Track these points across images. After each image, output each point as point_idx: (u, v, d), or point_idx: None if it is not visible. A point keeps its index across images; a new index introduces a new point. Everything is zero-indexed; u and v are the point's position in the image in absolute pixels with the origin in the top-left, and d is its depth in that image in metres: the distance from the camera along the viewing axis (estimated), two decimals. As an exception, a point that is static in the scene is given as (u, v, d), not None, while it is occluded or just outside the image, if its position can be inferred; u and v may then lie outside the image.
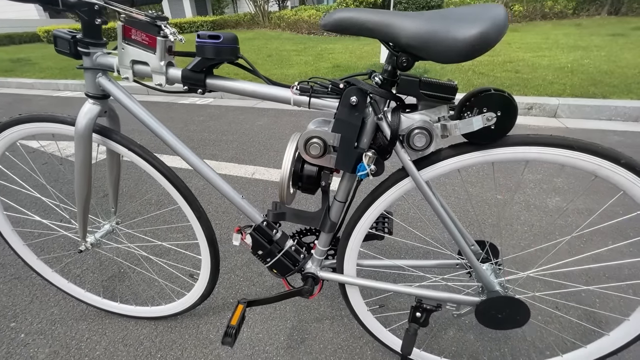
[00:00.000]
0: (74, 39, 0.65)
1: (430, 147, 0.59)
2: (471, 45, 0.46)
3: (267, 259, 0.80)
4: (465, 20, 0.47)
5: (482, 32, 0.46)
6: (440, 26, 0.48)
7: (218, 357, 0.98)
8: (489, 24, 0.46)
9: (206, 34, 0.58)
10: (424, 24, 0.49)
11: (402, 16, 0.51)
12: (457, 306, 0.74)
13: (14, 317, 1.13)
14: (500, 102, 0.54)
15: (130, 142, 0.76)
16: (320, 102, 0.62)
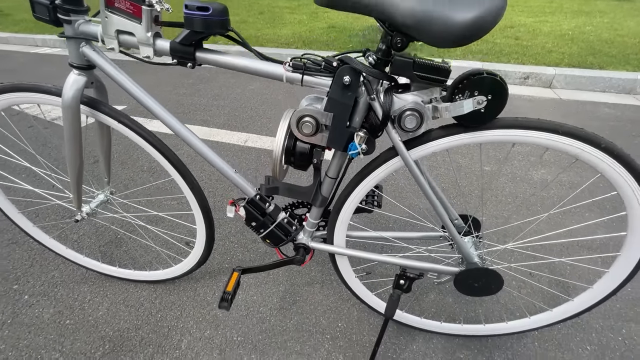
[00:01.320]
0: (52, 5, 0.61)
1: (420, 129, 0.60)
2: (467, 31, 0.46)
3: (261, 230, 0.84)
4: (463, 2, 0.46)
5: (478, 16, 0.45)
6: (437, 7, 0.47)
7: (215, 317, 1.05)
8: (486, 8, 0.45)
9: (194, 4, 0.55)
10: (420, 3, 0.48)
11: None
12: (437, 275, 0.80)
13: (16, 280, 1.18)
14: (492, 86, 0.55)
15: (120, 114, 0.75)
16: (313, 80, 0.61)
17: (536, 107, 2.65)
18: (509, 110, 2.59)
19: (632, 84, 2.94)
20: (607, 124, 2.39)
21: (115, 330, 1.01)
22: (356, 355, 0.95)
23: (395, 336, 1.00)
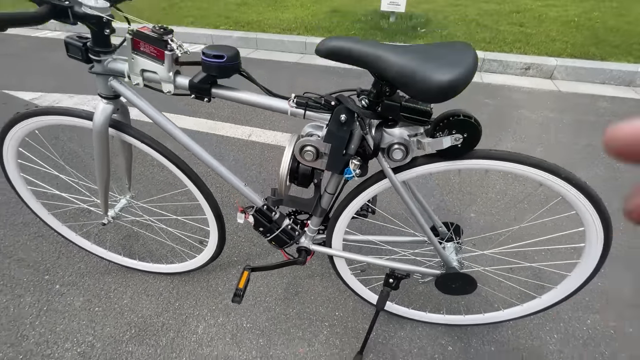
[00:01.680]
0: (85, 47, 0.69)
1: (407, 159, 0.69)
2: (443, 91, 0.54)
3: (267, 234, 0.95)
4: (442, 65, 0.54)
5: (452, 80, 0.53)
6: (420, 68, 0.55)
7: (227, 306, 1.18)
8: (459, 72, 0.54)
9: (211, 52, 0.64)
10: (407, 63, 0.56)
11: (389, 51, 0.58)
12: (421, 276, 0.92)
13: (46, 271, 1.31)
14: (467, 126, 0.63)
15: (142, 135, 0.84)
16: (314, 115, 0.70)
17: (534, 101, 2.69)
18: (507, 104, 2.64)
19: (632, 76, 2.96)
20: (603, 119, 2.44)
21: (139, 316, 1.15)
22: (351, 340, 1.09)
23: (385, 324, 1.13)
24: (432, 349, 1.07)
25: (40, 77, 3.13)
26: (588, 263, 0.81)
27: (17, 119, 0.85)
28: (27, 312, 1.16)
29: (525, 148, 2.10)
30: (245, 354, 1.05)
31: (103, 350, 1.06)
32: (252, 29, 4.07)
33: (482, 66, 3.27)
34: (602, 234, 0.74)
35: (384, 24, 3.91)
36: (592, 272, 0.82)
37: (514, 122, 2.40)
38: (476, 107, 2.59)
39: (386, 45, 0.59)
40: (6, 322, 1.13)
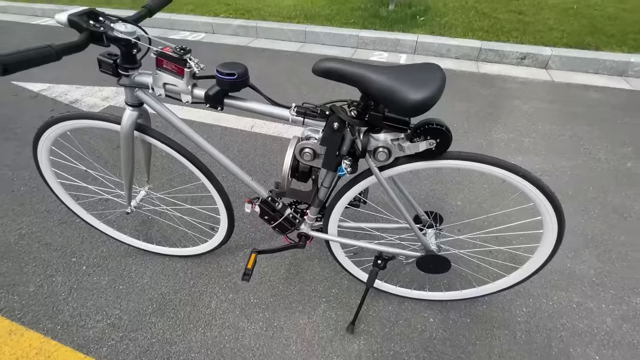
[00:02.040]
0: (115, 63, 0.80)
1: (390, 160, 0.82)
2: (415, 108, 0.66)
3: (271, 222, 1.09)
4: (416, 85, 0.66)
5: (423, 98, 0.65)
6: (398, 87, 0.67)
7: (236, 285, 1.34)
8: (429, 91, 0.65)
9: (224, 70, 0.75)
10: (387, 83, 0.68)
11: (373, 72, 0.69)
12: (405, 257, 1.06)
13: (73, 254, 1.46)
14: (440, 133, 0.75)
15: (162, 136, 0.96)
16: (311, 122, 0.82)
17: (527, 91, 2.78)
18: (500, 94, 2.73)
19: (625, 66, 3.03)
20: (591, 110, 2.54)
21: (159, 293, 1.31)
22: (345, 313, 1.25)
23: (376, 300, 1.28)
24: (415, 320, 1.22)
25: (46, 67, 3.20)
26: (546, 246, 0.95)
27: (52, 122, 0.97)
28: (59, 289, 1.32)
29: (513, 138, 2.22)
30: (253, 325, 1.21)
31: (130, 322, 1.22)
32: (252, 17, 4.09)
33: (479, 56, 3.33)
34: (556, 222, 0.88)
35: (383, 12, 3.93)
36: (550, 254, 0.96)
37: (506, 113, 2.50)
38: (470, 98, 2.69)
39: (371, 66, 0.71)
40: (42, 299, 1.29)
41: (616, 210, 1.67)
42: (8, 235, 1.54)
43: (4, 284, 1.33)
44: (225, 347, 1.15)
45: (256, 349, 1.14)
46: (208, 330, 1.19)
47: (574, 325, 1.21)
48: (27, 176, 1.88)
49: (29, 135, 2.23)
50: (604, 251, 1.47)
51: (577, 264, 1.41)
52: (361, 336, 1.18)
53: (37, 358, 1.11)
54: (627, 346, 1.15)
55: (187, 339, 1.17)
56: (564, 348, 1.15)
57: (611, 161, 2.01)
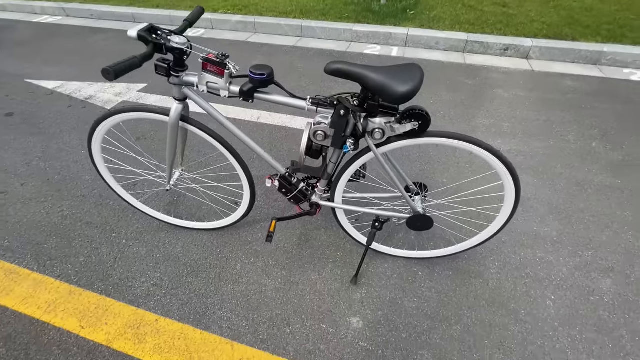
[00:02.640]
0: (169, 67, 1.02)
1: (384, 138, 1.05)
2: (402, 97, 0.90)
3: (288, 194, 1.33)
4: (402, 81, 0.90)
5: (407, 91, 0.89)
6: (389, 82, 0.90)
7: (255, 251, 1.58)
8: (412, 85, 0.89)
9: (256, 72, 0.98)
10: (381, 79, 0.91)
11: (370, 71, 0.93)
12: (397, 219, 1.31)
13: (112, 230, 1.69)
14: (421, 117, 0.99)
15: (201, 125, 1.19)
16: (323, 110, 1.05)
17: (509, 80, 3.03)
18: (484, 84, 2.97)
19: (598, 55, 3.29)
20: (565, 97, 2.80)
21: (191, 260, 1.55)
22: (349, 271, 1.50)
23: (374, 260, 1.54)
24: (406, 274, 1.48)
25: (55, 65, 3.36)
26: (508, 206, 1.20)
27: (108, 114, 1.19)
28: (106, 259, 1.55)
29: (494, 123, 2.47)
30: (273, 281, 1.46)
31: (170, 282, 1.46)
32: (249, 13, 4.26)
33: (466, 47, 3.56)
34: (513, 186, 1.13)
35: (375, 6, 4.13)
36: (511, 213, 1.21)
37: (488, 101, 2.75)
38: (457, 87, 2.93)
39: (369, 67, 0.94)
40: (92, 266, 1.52)
41: (579, 184, 1.94)
42: (52, 217, 1.76)
43: (58, 256, 1.56)
44: (251, 298, 1.40)
45: (277, 299, 1.40)
46: (236, 286, 1.44)
47: (536, 274, 1.48)
48: (58, 166, 2.09)
49: (53, 129, 2.43)
50: (565, 217, 1.74)
51: (542, 227, 1.68)
52: (363, 287, 1.44)
53: (97, 311, 1.35)
54: (577, 288, 1.42)
55: (219, 293, 1.41)
56: (527, 291, 1.42)
57: (579, 142, 2.28)
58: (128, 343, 1.25)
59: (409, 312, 1.35)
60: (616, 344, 1.25)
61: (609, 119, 2.51)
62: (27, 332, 1.29)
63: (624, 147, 2.22)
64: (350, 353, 1.23)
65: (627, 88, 2.91)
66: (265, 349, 1.24)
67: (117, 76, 0.82)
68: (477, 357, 1.22)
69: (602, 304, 1.37)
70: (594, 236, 1.64)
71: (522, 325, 1.30)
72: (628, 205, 1.80)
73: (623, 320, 1.31)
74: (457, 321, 1.32)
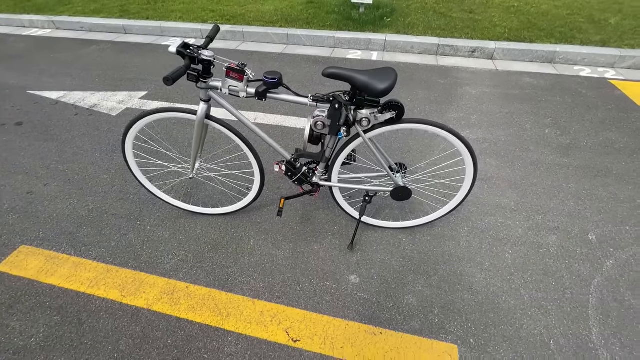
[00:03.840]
0: (198, 74, 1.29)
1: (369, 126, 1.36)
2: (381, 93, 1.20)
3: (293, 177, 1.61)
4: (381, 80, 1.20)
5: (385, 88, 1.20)
6: (371, 81, 1.21)
7: (265, 229, 1.85)
8: (389, 83, 1.20)
9: (269, 76, 1.26)
10: (365, 79, 1.21)
11: (358, 73, 1.23)
12: (383, 193, 1.61)
13: (136, 219, 1.92)
14: (397, 107, 1.30)
15: (223, 122, 1.46)
16: (321, 105, 1.35)
17: (476, 79, 3.41)
18: (455, 82, 3.34)
19: (552, 55, 3.73)
20: (524, 91, 3.20)
21: (210, 239, 1.80)
22: (346, 241, 1.79)
23: (365, 231, 1.84)
24: (393, 240, 1.79)
25: (53, 76, 3.53)
26: (468, 178, 1.53)
27: (143, 115, 1.44)
28: (134, 243, 1.79)
29: (463, 117, 2.83)
30: (282, 252, 1.73)
31: (194, 257, 1.71)
32: (237, 22, 4.53)
33: (438, 50, 3.95)
34: (471, 160, 1.45)
35: (355, 15, 4.47)
36: (472, 183, 1.53)
37: (458, 97, 3.11)
38: (431, 86, 3.29)
39: (357, 70, 1.24)
40: (124, 249, 1.75)
41: (533, 164, 2.31)
42: (79, 211, 1.97)
43: (91, 242, 1.79)
44: (265, 266, 1.67)
45: (287, 265, 1.67)
46: (252, 257, 1.71)
47: (497, 235, 1.81)
48: (76, 168, 2.30)
49: (65, 135, 2.62)
50: (521, 190, 2.09)
51: (503, 200, 2.02)
52: (358, 252, 1.73)
53: (134, 283, 1.59)
54: (529, 244, 1.76)
55: (238, 264, 1.68)
56: (490, 248, 1.75)
57: (534, 129, 2.66)
58: (165, 305, 1.50)
59: (396, 269, 1.65)
60: (558, 282, 1.58)
61: (560, 109, 2.91)
62: (75, 303, 1.51)
63: (571, 133, 2.62)
64: (351, 302, 1.52)
65: (576, 83, 3.35)
66: (281, 302, 1.51)
67: (174, 81, 1.08)
68: (451, 298, 1.53)
69: (548, 254, 1.71)
70: (544, 204, 1.99)
71: (487, 273, 1.63)
72: (572, 179, 2.17)
73: (564, 265, 1.66)
74: (435, 273, 1.63)
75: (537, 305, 1.49)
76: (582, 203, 1.99)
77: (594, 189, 2.09)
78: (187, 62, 1.20)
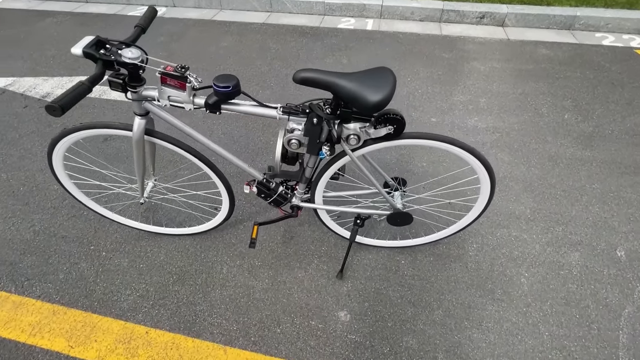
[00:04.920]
0: (124, 82, 0.94)
1: (360, 143, 1.03)
2: (375, 107, 0.87)
3: (267, 198, 1.31)
4: (374, 89, 0.86)
5: (380, 100, 0.86)
6: (360, 93, 0.87)
7: (241, 253, 1.58)
8: (384, 94, 0.86)
9: (220, 84, 0.91)
10: (352, 88, 0.87)
11: (341, 79, 0.88)
12: (378, 216, 1.33)
13: (90, 243, 1.64)
14: (396, 121, 0.97)
15: (168, 137, 1.13)
16: (295, 119, 1.01)
17: (485, 52, 3.00)
18: (461, 56, 2.93)
19: (572, 20, 3.28)
20: (540, 66, 2.81)
21: (176, 267, 1.54)
22: (335, 265, 1.53)
23: (357, 252, 1.57)
24: (390, 263, 1.53)
25: (4, 59, 3.07)
26: (483, 197, 1.23)
27: (66, 132, 1.11)
28: (87, 274, 1.52)
29: (471, 100, 2.47)
30: (260, 282, 1.48)
31: (156, 292, 1.45)
32: None
33: (442, 17, 3.47)
34: (488, 181, 1.15)
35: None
36: (487, 203, 1.24)
37: (465, 75, 2.73)
38: (434, 61, 2.88)
39: (339, 74, 0.90)
40: (74, 283, 1.49)
41: (551, 159, 2.00)
42: (23, 233, 1.68)
43: (35, 275, 1.52)
44: (240, 301, 1.42)
45: (266, 300, 1.42)
46: (224, 290, 1.45)
47: (511, 253, 1.55)
48: (22, 177, 1.97)
49: (10, 134, 2.26)
50: (538, 194, 1.81)
51: (517, 206, 1.74)
52: (349, 280, 1.48)
53: (84, 329, 1.34)
54: (549, 264, 1.51)
55: (208, 299, 1.42)
56: (503, 270, 1.50)
57: (552, 114, 2.32)
58: (120, 358, 1.26)
59: (394, 301, 1.41)
60: (582, 314, 1.35)
61: (581, 88, 2.55)
62: (13, 357, 1.27)
63: (594, 118, 2.28)
64: (340, 346, 1.29)
65: (599, 54, 2.94)
66: (257, 350, 1.28)
67: (65, 111, 0.75)
68: (458, 339, 1.30)
69: (571, 277, 1.46)
70: (565, 211, 1.72)
71: (499, 304, 1.39)
72: (596, 177, 1.88)
73: (589, 291, 1.42)
74: (439, 305, 1.39)
75: (558, 345, 1.27)
76: (608, 209, 1.72)
77: (622, 190, 1.81)
78: (99, 68, 0.84)
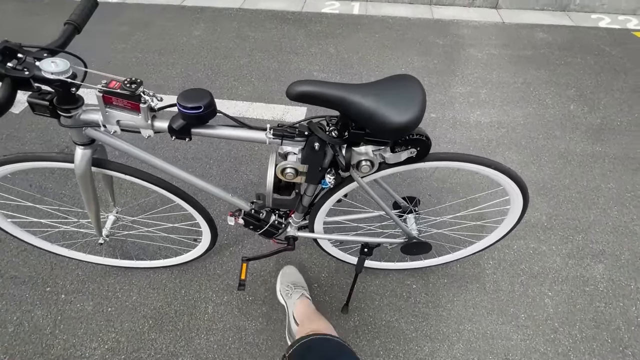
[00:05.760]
0: (52, 105, 0.67)
1: (373, 169, 0.82)
2: (400, 130, 0.65)
3: (257, 230, 1.08)
4: (398, 106, 0.64)
5: (409, 121, 0.64)
6: (378, 112, 0.64)
7: (228, 285, 1.36)
8: (413, 113, 0.64)
9: (188, 105, 0.67)
10: (368, 105, 0.65)
11: (352, 93, 0.66)
12: (390, 244, 1.13)
13: (45, 283, 1.37)
14: (420, 142, 0.76)
15: (124, 167, 0.87)
16: (290, 142, 0.78)
17: (480, 37, 2.80)
18: (455, 43, 2.72)
19: (567, 0, 3.12)
20: (539, 52, 2.64)
21: (151, 309, 1.30)
22: (337, 294, 1.34)
23: (363, 277, 1.38)
24: (400, 289, 1.35)
25: None
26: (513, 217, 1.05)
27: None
28: (42, 324, 1.26)
29: (471, 91, 2.28)
30: (253, 322, 1.27)
31: (129, 343, 1.22)
32: None
33: (432, -1, 3.23)
34: (521, 201, 0.97)
35: (329, -47, 3.56)
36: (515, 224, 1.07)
37: (462, 63, 2.53)
38: (428, 49, 2.66)
39: (348, 86, 0.67)
40: (27, 337, 1.23)
41: (562, 156, 1.85)
42: (-40, 276, 1.39)
43: (-24, 330, 1.25)
44: (230, 348, 1.21)
45: (260, 344, 1.22)
46: (210, 335, 1.23)
47: (531, 269, 1.41)
48: (-41, 202, 1.65)
49: (-56, 150, 1.90)
50: (552, 197, 1.66)
51: (532, 213, 1.59)
52: (355, 313, 1.29)
53: (41, 397, 1.10)
54: (572, 279, 1.37)
55: (191, 348, 1.21)
56: (524, 290, 1.35)
57: (557, 106, 2.17)
58: None
59: (408, 335, 1.24)
60: (614, 337, 1.22)
61: (584, 75, 2.40)
62: None
63: (600, 109, 2.15)
64: (351, 397, 1.10)
65: (597, 37, 2.81)
66: (254, 410, 1.08)
67: None
68: (483, 377, 1.15)
69: (597, 294, 1.33)
70: (582, 216, 1.58)
71: (524, 332, 1.24)
72: (610, 176, 1.75)
73: (618, 310, 1.29)
74: (459, 338, 1.23)
75: (593, 377, 1.14)
76: (627, 212, 1.60)
77: (638, 190, 1.69)
78: (7, 88, 0.58)
